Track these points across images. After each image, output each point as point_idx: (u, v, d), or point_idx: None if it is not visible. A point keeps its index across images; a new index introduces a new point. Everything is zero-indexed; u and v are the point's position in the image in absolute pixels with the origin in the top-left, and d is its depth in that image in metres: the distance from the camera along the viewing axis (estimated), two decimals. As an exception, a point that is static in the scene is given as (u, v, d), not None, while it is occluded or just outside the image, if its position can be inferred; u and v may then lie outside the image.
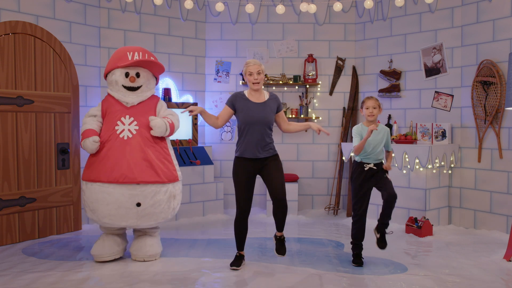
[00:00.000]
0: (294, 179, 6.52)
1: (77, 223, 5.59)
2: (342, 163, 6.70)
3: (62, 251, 4.68)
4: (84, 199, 4.29)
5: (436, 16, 5.99)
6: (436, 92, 6.01)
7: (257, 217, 6.32)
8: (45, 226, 5.27)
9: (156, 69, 4.49)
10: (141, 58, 4.35)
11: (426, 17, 6.09)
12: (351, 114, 6.73)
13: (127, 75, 4.36)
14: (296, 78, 6.67)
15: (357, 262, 4.24)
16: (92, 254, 4.33)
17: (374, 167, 4.20)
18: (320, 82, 6.78)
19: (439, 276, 3.95)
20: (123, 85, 4.37)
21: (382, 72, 6.46)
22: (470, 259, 4.44)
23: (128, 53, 4.38)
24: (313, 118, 6.71)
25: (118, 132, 4.24)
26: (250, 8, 5.96)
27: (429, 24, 6.06)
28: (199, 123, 6.70)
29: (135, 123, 4.29)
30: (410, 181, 5.66)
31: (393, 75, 6.36)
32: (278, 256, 4.13)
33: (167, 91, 6.37)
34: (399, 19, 6.34)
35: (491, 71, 5.39)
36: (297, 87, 6.82)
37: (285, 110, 6.70)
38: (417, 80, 6.20)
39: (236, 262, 4.14)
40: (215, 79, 6.87)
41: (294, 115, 6.69)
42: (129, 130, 4.26)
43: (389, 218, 4.22)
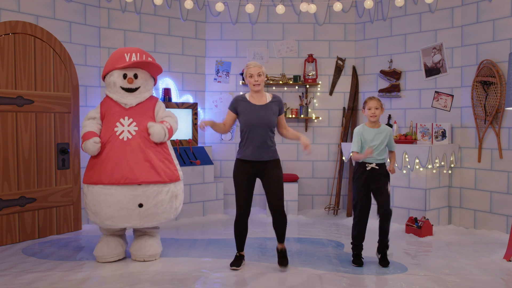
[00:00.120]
0: (294, 179, 6.52)
1: (77, 223, 5.59)
2: (342, 163, 6.70)
3: (62, 251, 4.68)
4: (85, 202, 4.27)
5: (436, 16, 5.99)
6: (436, 92, 6.02)
7: (257, 217, 6.32)
8: (45, 226, 5.27)
9: (154, 70, 4.48)
10: (138, 59, 4.34)
11: (426, 17, 6.09)
12: (351, 114, 6.73)
13: (125, 76, 4.35)
14: (296, 78, 6.67)
15: (357, 262, 4.25)
16: (95, 255, 4.32)
17: (376, 166, 4.20)
18: (320, 82, 6.77)
19: (439, 276, 3.95)
20: (121, 86, 4.36)
21: (382, 72, 6.46)
22: (470, 259, 4.44)
23: (125, 54, 4.36)
24: (313, 118, 6.71)
25: (117, 134, 4.23)
26: (250, 8, 5.96)
27: (429, 24, 6.06)
28: (199, 123, 6.69)
29: (134, 124, 4.29)
30: (410, 181, 5.66)
31: (393, 75, 6.36)
32: (281, 268, 4.09)
33: (167, 91, 6.37)
34: (399, 19, 6.34)
35: (491, 71, 5.39)
36: (297, 87, 6.82)
37: (285, 110, 6.70)
38: (417, 80, 6.20)
39: (236, 262, 4.14)
40: (215, 79, 6.87)
41: (294, 115, 6.69)
42: (128, 131, 4.25)
43: (387, 236, 4.25)
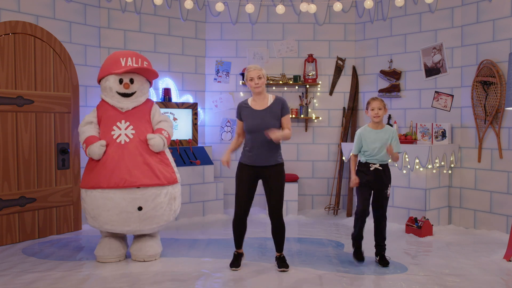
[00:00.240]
0: (294, 179, 6.52)
1: (77, 223, 5.59)
2: (342, 163, 6.70)
3: (62, 251, 4.68)
4: (84, 207, 4.26)
5: (436, 16, 5.99)
6: (436, 92, 6.01)
7: (257, 217, 6.32)
8: (45, 226, 5.27)
9: (150, 75, 4.48)
10: (134, 64, 4.34)
11: (426, 17, 6.09)
12: (351, 114, 6.73)
13: (121, 81, 4.35)
14: (296, 78, 6.67)
15: (358, 257, 4.22)
16: (96, 254, 4.32)
17: (380, 167, 4.19)
18: (320, 82, 6.77)
19: (439, 276, 3.95)
20: (117, 91, 4.35)
21: (382, 72, 6.46)
22: (470, 259, 4.44)
23: (121, 59, 4.34)
24: (313, 118, 6.71)
25: (115, 137, 4.23)
26: (250, 8, 5.96)
27: (429, 24, 6.06)
28: (199, 123, 6.70)
29: (131, 127, 4.28)
30: (410, 181, 5.66)
31: (393, 75, 6.36)
32: (281, 271, 4.05)
33: (167, 91, 6.36)
34: (399, 19, 6.34)
35: (491, 71, 5.39)
36: (297, 87, 6.82)
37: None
38: (417, 80, 6.20)
39: (235, 262, 4.14)
40: (215, 79, 6.87)
41: (294, 115, 6.69)
42: (125, 135, 4.25)
43: (384, 238, 4.24)
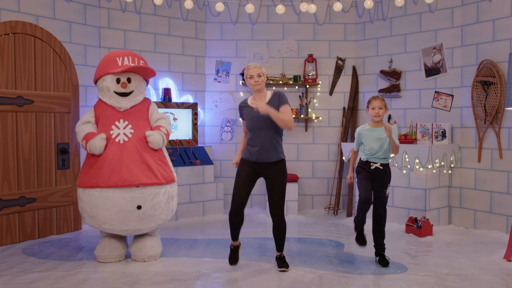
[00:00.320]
0: (294, 179, 6.52)
1: (77, 223, 5.59)
2: (342, 163, 6.70)
3: (62, 251, 4.68)
4: (81, 206, 4.24)
5: (436, 16, 5.99)
6: (436, 92, 6.01)
7: (257, 217, 6.32)
8: (45, 226, 5.27)
9: (147, 74, 4.48)
10: (131, 63, 4.33)
11: (426, 17, 6.09)
12: (351, 114, 6.73)
13: (118, 81, 4.34)
14: (296, 78, 6.67)
15: (359, 240, 4.21)
16: (96, 254, 4.33)
17: (381, 167, 4.19)
18: (320, 82, 6.77)
19: (439, 276, 3.95)
20: (115, 91, 4.35)
21: (382, 72, 6.46)
22: (470, 259, 4.44)
23: (117, 58, 4.34)
24: (313, 118, 6.71)
25: (113, 136, 4.22)
26: (250, 8, 5.96)
27: (429, 24, 6.06)
28: (199, 123, 6.70)
29: (130, 126, 4.28)
30: (410, 181, 5.66)
31: (393, 75, 6.36)
32: (281, 271, 4.05)
33: (167, 91, 6.36)
34: (399, 19, 6.34)
35: (491, 71, 5.39)
36: (297, 87, 6.82)
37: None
38: (417, 80, 6.20)
39: (233, 257, 4.13)
40: (215, 79, 6.87)
41: (294, 115, 6.69)
42: (124, 134, 4.24)
43: (382, 237, 4.23)
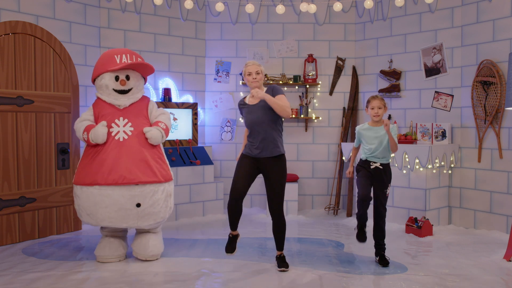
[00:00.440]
0: (294, 179, 6.52)
1: (77, 223, 5.59)
2: (342, 163, 6.70)
3: (62, 251, 4.68)
4: (78, 203, 4.21)
5: (436, 16, 5.99)
6: (436, 92, 6.01)
7: (257, 217, 6.31)
8: (45, 226, 5.27)
9: (146, 71, 4.47)
10: (129, 60, 4.33)
11: (426, 17, 6.09)
12: (351, 114, 6.73)
13: (117, 78, 4.34)
14: (296, 78, 6.67)
15: (360, 236, 4.20)
16: (96, 254, 4.33)
17: (381, 166, 4.19)
18: (320, 82, 6.77)
19: (439, 276, 3.95)
20: (114, 89, 4.34)
21: (382, 72, 6.46)
22: (470, 259, 4.44)
23: (115, 56, 4.34)
24: (313, 118, 6.71)
25: (113, 134, 4.22)
26: (250, 8, 5.96)
27: (429, 24, 6.06)
28: (199, 123, 6.70)
29: (129, 124, 4.28)
30: (410, 181, 5.66)
31: (393, 75, 6.36)
32: (281, 270, 4.05)
33: (167, 91, 6.37)
34: (399, 19, 6.34)
35: (491, 71, 5.39)
36: (297, 87, 6.82)
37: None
38: (417, 80, 6.20)
39: (230, 246, 4.14)
40: (215, 79, 6.87)
41: (294, 115, 6.69)
42: (124, 132, 4.24)
43: (383, 237, 4.23)
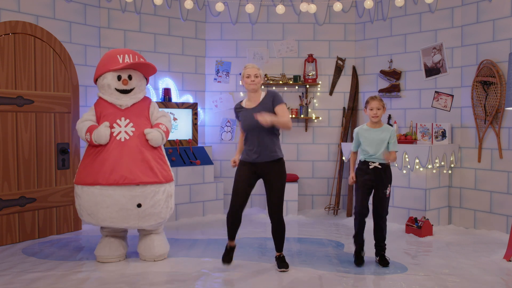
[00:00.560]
0: (294, 179, 6.52)
1: (77, 223, 5.59)
2: (342, 163, 6.70)
3: (62, 251, 4.68)
4: (79, 203, 4.22)
5: (436, 16, 5.99)
6: (436, 92, 6.01)
7: (257, 217, 6.31)
8: (45, 226, 5.27)
9: (148, 71, 4.48)
10: (131, 60, 4.33)
11: (426, 17, 6.09)
12: (351, 114, 6.73)
13: (119, 78, 4.34)
14: (296, 78, 6.67)
15: (357, 262, 4.23)
16: (96, 254, 4.33)
17: (379, 166, 4.19)
18: (320, 82, 6.77)
19: (439, 276, 3.95)
20: (116, 88, 4.34)
21: (382, 72, 6.46)
22: (470, 259, 4.44)
23: (118, 56, 4.34)
24: (313, 118, 6.71)
25: (115, 134, 4.22)
26: (250, 8, 5.96)
27: (429, 24, 6.06)
28: (199, 123, 6.70)
29: (131, 124, 4.28)
30: (410, 181, 5.66)
31: (393, 75, 6.36)
32: (281, 271, 4.05)
33: (167, 91, 6.36)
34: (399, 19, 6.34)
35: (491, 71, 5.39)
36: (297, 87, 6.82)
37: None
38: (417, 80, 6.20)
39: (227, 256, 4.13)
40: (215, 79, 6.87)
41: (294, 115, 6.69)
42: (125, 132, 4.24)
43: (383, 238, 4.24)
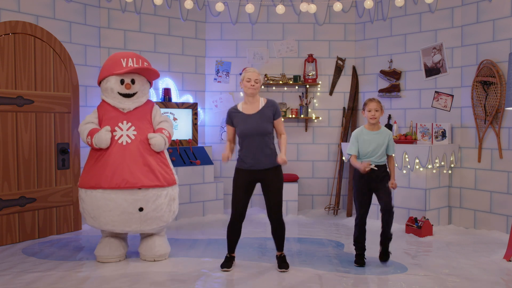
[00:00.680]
0: (294, 179, 6.52)
1: (77, 223, 5.59)
2: (342, 163, 6.70)
3: (62, 251, 4.68)
4: (83, 207, 4.24)
5: (436, 16, 5.99)
6: (436, 92, 6.01)
7: (257, 217, 6.31)
8: (45, 226, 5.27)
9: (151, 75, 4.48)
10: (135, 64, 4.34)
11: (426, 17, 6.09)
12: (351, 114, 6.73)
13: (122, 82, 4.34)
14: (296, 78, 6.67)
15: (359, 262, 4.24)
16: (96, 254, 4.33)
17: (375, 168, 4.19)
18: (320, 82, 6.77)
19: (439, 276, 3.95)
20: (118, 92, 4.35)
21: (382, 72, 6.46)
22: (470, 259, 4.44)
23: (122, 59, 4.34)
24: (313, 118, 6.71)
25: (116, 138, 4.22)
26: (250, 8, 5.96)
27: (429, 24, 6.06)
28: (199, 123, 6.70)
29: (133, 128, 4.28)
30: (410, 181, 5.66)
31: (393, 75, 6.36)
32: (281, 271, 4.06)
33: (167, 91, 6.36)
34: (399, 19, 6.34)
35: (491, 71, 5.39)
36: (297, 87, 6.82)
37: (285, 110, 6.70)
38: (417, 80, 6.20)
39: (227, 263, 4.12)
40: (215, 79, 6.87)
41: (294, 115, 6.69)
42: (127, 136, 4.24)
43: (390, 231, 4.23)
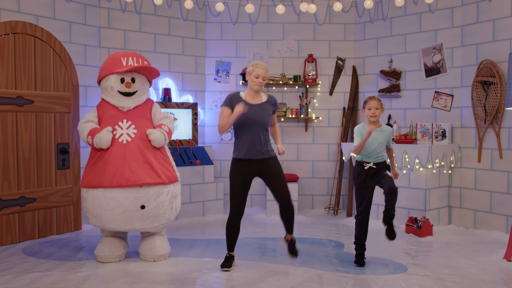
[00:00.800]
0: (294, 179, 6.52)
1: (77, 223, 5.59)
2: (342, 163, 6.70)
3: (62, 251, 4.68)
4: (85, 206, 4.25)
5: (436, 16, 5.99)
6: (436, 92, 6.01)
7: (257, 217, 6.32)
8: (45, 226, 5.27)
9: (151, 74, 4.49)
10: (135, 63, 4.35)
11: (426, 17, 6.09)
12: (351, 114, 6.73)
13: (122, 81, 4.35)
14: (296, 78, 6.67)
15: (359, 262, 4.24)
16: (96, 254, 4.33)
17: (374, 166, 4.20)
18: (320, 82, 6.77)
19: (439, 276, 3.95)
20: (119, 91, 4.35)
21: (382, 72, 6.46)
22: (470, 259, 4.44)
23: (122, 58, 4.35)
24: (313, 118, 6.71)
25: (117, 137, 4.23)
26: (250, 8, 5.96)
27: (429, 24, 6.06)
28: (199, 123, 6.70)
29: (133, 126, 4.28)
30: (410, 181, 5.66)
31: (393, 75, 6.36)
32: (291, 257, 4.08)
33: (167, 91, 6.36)
34: (399, 19, 6.34)
35: (491, 71, 5.39)
36: (297, 87, 6.82)
37: (285, 110, 6.71)
38: (417, 80, 6.20)
39: (227, 263, 4.12)
40: (215, 79, 6.87)
41: (294, 115, 6.69)
42: (127, 134, 4.24)
43: (393, 210, 4.16)
